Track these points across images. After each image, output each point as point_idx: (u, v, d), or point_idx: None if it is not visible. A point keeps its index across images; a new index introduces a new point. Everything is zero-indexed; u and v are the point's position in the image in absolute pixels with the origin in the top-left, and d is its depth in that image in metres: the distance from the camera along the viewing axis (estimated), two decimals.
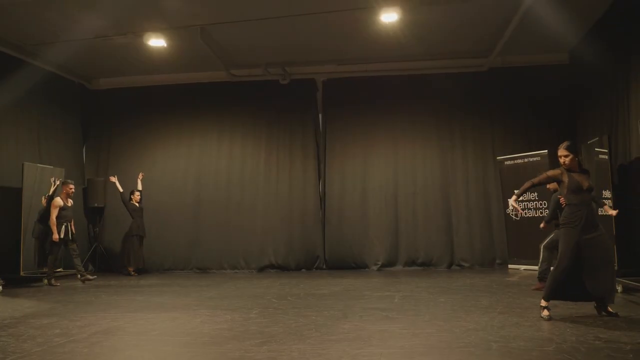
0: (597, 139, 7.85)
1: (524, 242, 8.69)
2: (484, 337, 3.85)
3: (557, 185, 5.63)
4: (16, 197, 8.46)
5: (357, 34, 8.87)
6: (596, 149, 7.82)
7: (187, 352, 3.67)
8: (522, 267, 8.89)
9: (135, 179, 10.14)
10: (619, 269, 6.91)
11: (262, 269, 10.05)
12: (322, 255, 10.18)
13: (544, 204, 8.62)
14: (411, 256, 9.90)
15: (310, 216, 10.26)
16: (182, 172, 10.72)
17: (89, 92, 11.23)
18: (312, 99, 10.67)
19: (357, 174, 10.29)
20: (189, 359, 3.49)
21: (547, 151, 8.96)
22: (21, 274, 8.27)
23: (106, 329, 4.51)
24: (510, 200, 4.95)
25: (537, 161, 8.96)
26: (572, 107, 9.77)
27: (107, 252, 10.51)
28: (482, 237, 9.78)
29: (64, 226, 8.29)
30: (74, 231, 8.53)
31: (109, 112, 11.14)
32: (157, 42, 8.87)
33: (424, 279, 7.90)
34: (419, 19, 8.30)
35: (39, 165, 9.12)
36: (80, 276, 8.32)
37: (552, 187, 6.53)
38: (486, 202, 9.77)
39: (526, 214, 9.03)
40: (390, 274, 8.93)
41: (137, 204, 9.77)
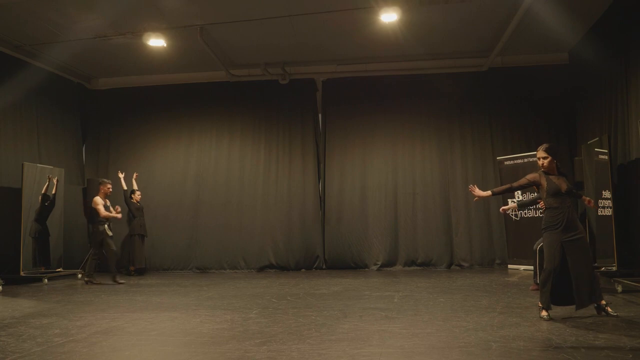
0: (597, 139, 7.85)
1: (524, 242, 8.69)
2: (484, 337, 3.85)
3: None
4: (16, 197, 8.45)
5: (356, 33, 8.87)
6: (596, 149, 7.82)
7: (187, 352, 3.67)
8: (522, 267, 8.89)
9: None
10: (618, 268, 6.93)
11: (261, 269, 10.05)
12: (322, 255, 10.18)
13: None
14: (411, 256, 9.90)
15: (309, 216, 10.26)
16: (182, 172, 10.72)
17: (88, 92, 11.23)
18: (312, 98, 10.67)
19: (356, 174, 10.29)
20: (188, 358, 3.49)
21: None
22: (21, 273, 8.27)
23: (106, 328, 4.50)
24: (482, 192, 4.84)
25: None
26: (572, 107, 9.77)
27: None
28: (481, 237, 9.79)
29: (105, 225, 8.26)
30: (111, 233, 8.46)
31: (108, 112, 11.13)
32: (156, 42, 8.87)
33: (423, 279, 7.90)
34: (418, 18, 8.30)
35: (38, 165, 9.12)
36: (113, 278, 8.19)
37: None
38: (486, 202, 9.77)
39: (526, 214, 9.03)
40: (389, 274, 8.93)
41: (138, 203, 9.78)
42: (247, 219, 10.26)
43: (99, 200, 8.35)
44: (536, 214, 8.82)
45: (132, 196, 9.74)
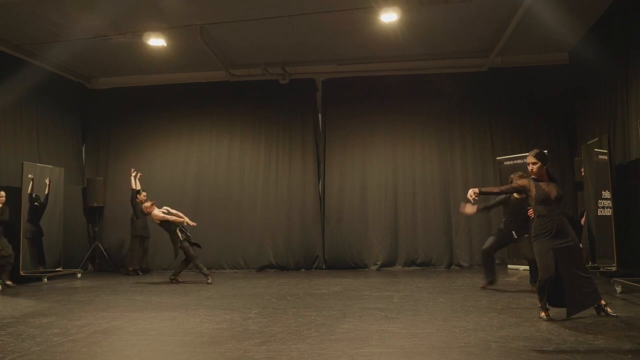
0: (597, 139, 7.85)
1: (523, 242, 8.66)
2: (483, 337, 3.85)
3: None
4: (15, 197, 8.45)
5: (356, 33, 8.87)
6: (596, 149, 7.82)
7: (186, 351, 3.67)
8: (522, 268, 8.88)
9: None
10: (618, 269, 6.93)
11: (261, 269, 10.05)
12: (322, 255, 10.18)
13: None
14: (410, 256, 9.90)
15: (309, 216, 10.26)
16: (181, 171, 10.71)
17: (88, 91, 11.22)
18: (312, 98, 10.67)
19: (356, 174, 10.28)
20: (188, 358, 3.49)
21: (546, 151, 8.93)
22: (20, 273, 8.26)
23: (105, 328, 4.50)
24: (472, 190, 4.69)
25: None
26: (572, 107, 9.77)
27: (107, 251, 10.49)
28: (481, 237, 9.75)
29: (178, 228, 8.24)
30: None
31: (108, 111, 11.13)
32: (156, 41, 8.87)
33: (423, 279, 7.90)
34: (418, 18, 8.30)
35: (38, 164, 9.11)
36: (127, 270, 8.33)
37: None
38: (485, 203, 9.75)
39: None
40: (389, 274, 8.93)
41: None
42: (247, 219, 10.26)
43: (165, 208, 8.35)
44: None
45: (137, 196, 9.61)
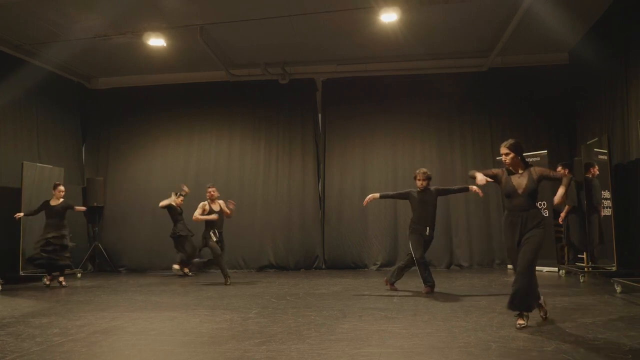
0: (597, 139, 7.85)
1: None
2: (483, 337, 3.85)
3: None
4: (15, 197, 8.45)
5: (356, 33, 8.87)
6: (595, 149, 7.83)
7: (186, 351, 3.67)
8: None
9: (134, 178, 10.13)
10: (618, 269, 6.93)
11: (261, 269, 10.05)
12: (321, 255, 10.18)
13: (544, 204, 8.61)
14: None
15: (309, 216, 10.26)
16: (181, 171, 10.71)
17: (88, 91, 11.22)
18: (312, 98, 10.67)
19: (356, 174, 10.28)
20: (187, 358, 3.49)
21: (546, 151, 8.97)
22: (20, 273, 8.26)
23: (105, 328, 4.50)
24: (480, 175, 4.48)
25: (536, 161, 8.93)
26: (572, 108, 9.77)
27: (107, 251, 10.49)
28: (481, 237, 9.79)
29: (212, 231, 8.03)
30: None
31: (108, 111, 11.13)
32: (156, 41, 8.87)
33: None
34: (418, 18, 8.30)
35: (38, 164, 9.11)
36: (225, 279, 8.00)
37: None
38: (485, 203, 9.77)
39: None
40: (388, 274, 8.91)
41: (179, 208, 9.60)
42: (246, 219, 10.25)
43: (201, 203, 8.13)
44: None
45: (173, 204, 9.56)
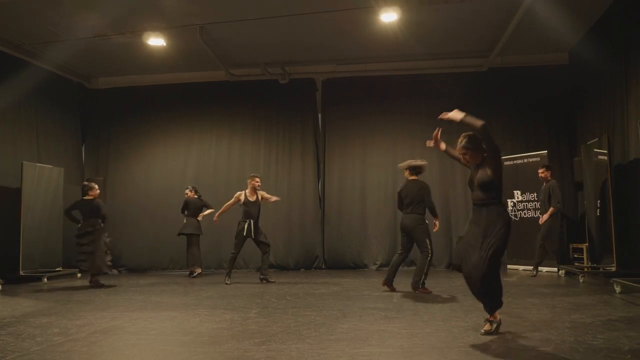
0: (597, 139, 7.86)
1: (523, 242, 8.69)
2: (483, 337, 3.85)
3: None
4: (15, 197, 8.45)
5: (356, 33, 8.87)
6: (595, 150, 7.83)
7: (186, 351, 3.67)
8: (521, 268, 8.89)
9: (134, 178, 10.11)
10: (618, 269, 6.93)
11: (260, 269, 10.04)
12: (321, 254, 10.18)
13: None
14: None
15: (309, 216, 10.27)
16: (181, 171, 10.72)
17: (88, 91, 11.23)
18: (312, 98, 10.67)
19: (356, 174, 10.29)
20: (187, 358, 3.49)
21: (546, 151, 8.97)
22: (20, 273, 8.27)
23: (105, 328, 4.50)
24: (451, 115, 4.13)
25: (536, 161, 8.96)
26: (572, 108, 9.77)
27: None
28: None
29: (246, 223, 7.77)
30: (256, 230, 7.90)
31: (108, 111, 11.13)
32: (156, 41, 8.88)
33: None
34: (418, 18, 8.30)
35: (37, 164, 9.11)
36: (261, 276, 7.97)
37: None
38: None
39: (525, 214, 9.03)
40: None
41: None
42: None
43: (237, 193, 7.90)
44: (535, 214, 8.82)
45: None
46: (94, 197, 7.76)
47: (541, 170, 8.15)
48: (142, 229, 10.48)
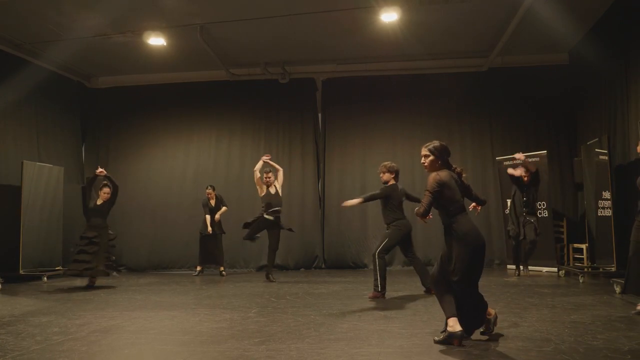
0: (597, 139, 7.86)
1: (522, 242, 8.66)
2: (483, 337, 3.85)
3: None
4: (15, 195, 8.46)
5: (356, 33, 8.87)
6: (596, 150, 7.83)
7: (186, 350, 3.67)
8: (521, 268, 8.87)
9: (134, 177, 10.10)
10: (617, 269, 6.92)
11: (260, 268, 10.03)
12: (321, 254, 10.18)
13: (543, 204, 8.62)
14: (421, 256, 9.87)
15: (309, 215, 10.26)
16: (181, 170, 10.72)
17: (88, 90, 11.23)
18: (312, 98, 10.67)
19: (356, 174, 10.28)
20: (187, 357, 3.49)
21: (546, 152, 8.97)
22: (20, 272, 8.27)
23: (105, 327, 4.50)
24: None
25: (536, 161, 8.94)
26: (572, 108, 9.77)
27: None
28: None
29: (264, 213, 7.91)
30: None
31: (108, 110, 11.13)
32: (156, 40, 8.88)
33: None
34: (418, 18, 8.30)
35: (37, 163, 9.11)
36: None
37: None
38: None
39: None
40: (388, 274, 8.85)
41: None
42: (246, 218, 10.20)
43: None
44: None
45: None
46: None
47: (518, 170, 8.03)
48: (142, 228, 10.48)
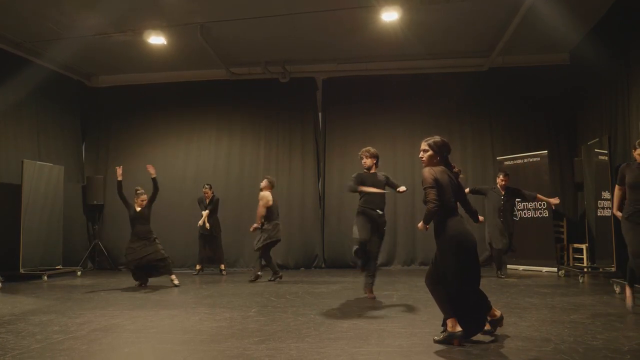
0: (597, 139, 7.86)
1: (523, 242, 8.68)
2: (483, 337, 3.85)
3: None
4: (16, 194, 8.46)
5: (357, 32, 8.86)
6: (596, 150, 7.83)
7: (186, 349, 3.68)
8: (521, 268, 8.89)
9: (134, 176, 10.10)
10: (617, 269, 6.92)
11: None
12: (321, 254, 10.18)
13: (543, 204, 8.62)
14: (409, 255, 9.90)
15: (309, 215, 10.26)
16: (181, 170, 10.72)
17: (88, 89, 11.22)
18: (312, 97, 10.66)
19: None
20: (187, 356, 3.49)
21: (546, 152, 8.97)
22: (21, 270, 8.27)
23: (105, 326, 4.51)
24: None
25: (536, 161, 8.96)
26: (572, 108, 9.77)
27: (107, 249, 10.50)
28: (480, 237, 9.76)
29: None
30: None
31: (108, 109, 11.13)
32: (156, 39, 8.87)
33: (421, 279, 7.81)
34: (419, 18, 8.29)
35: (38, 162, 9.11)
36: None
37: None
38: (482, 204, 9.75)
39: (525, 214, 9.02)
40: (388, 273, 8.93)
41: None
42: (246, 217, 10.23)
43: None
44: (535, 214, 8.83)
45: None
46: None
47: (503, 177, 7.93)
48: None
